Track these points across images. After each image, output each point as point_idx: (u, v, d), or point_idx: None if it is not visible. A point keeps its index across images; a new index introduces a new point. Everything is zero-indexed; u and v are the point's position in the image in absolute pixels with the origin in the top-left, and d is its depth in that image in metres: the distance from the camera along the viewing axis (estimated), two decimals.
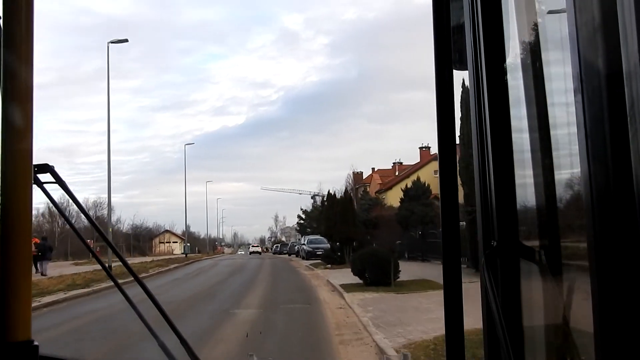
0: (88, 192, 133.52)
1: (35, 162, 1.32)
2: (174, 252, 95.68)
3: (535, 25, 1.48)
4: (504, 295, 1.45)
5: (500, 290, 1.44)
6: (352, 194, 47.74)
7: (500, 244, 1.45)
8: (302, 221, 72.51)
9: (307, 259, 47.71)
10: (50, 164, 1.43)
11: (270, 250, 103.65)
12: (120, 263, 1.74)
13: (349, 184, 71.83)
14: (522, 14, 1.52)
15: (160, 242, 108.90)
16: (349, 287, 20.52)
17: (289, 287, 24.30)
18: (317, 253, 44.49)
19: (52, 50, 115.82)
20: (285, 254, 73.99)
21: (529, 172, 1.55)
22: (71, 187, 1.50)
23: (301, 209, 75.37)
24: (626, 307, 0.88)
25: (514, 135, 1.49)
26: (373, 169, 79.18)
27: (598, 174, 0.91)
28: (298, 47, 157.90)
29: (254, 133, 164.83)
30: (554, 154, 1.45)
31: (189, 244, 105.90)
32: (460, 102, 4.11)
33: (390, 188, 60.98)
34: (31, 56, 1.20)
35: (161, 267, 40.60)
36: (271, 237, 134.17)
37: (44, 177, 1.46)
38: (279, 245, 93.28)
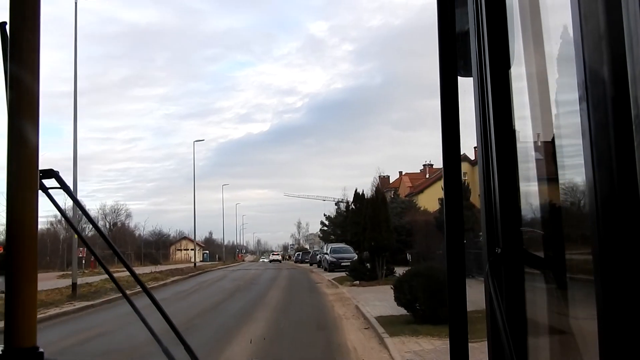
0: (115, 199, 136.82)
1: (56, 168, 1.32)
2: (191, 260, 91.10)
3: (540, 32, 1.48)
4: (508, 302, 1.44)
5: (505, 297, 1.44)
6: (384, 194, 38.37)
7: (504, 251, 1.44)
8: (325, 228, 66.70)
9: (330, 271, 40.81)
10: (55, 169, 1.43)
11: (292, 258, 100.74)
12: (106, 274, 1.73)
13: (373, 187, 60.52)
14: (526, 21, 1.52)
15: (177, 250, 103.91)
16: (391, 324, 13.68)
17: (301, 320, 16.62)
18: (342, 264, 38.13)
19: (80, 59, 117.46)
20: (306, 262, 68.50)
21: (534, 179, 1.55)
22: (100, 195, 1.49)
23: (324, 215, 69.12)
24: (631, 315, 0.88)
25: (518, 142, 1.49)
26: (401, 172, 74.81)
27: (603, 181, 0.91)
28: (323, 54, 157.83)
29: (279, 140, 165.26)
30: (559, 161, 1.45)
31: (207, 252, 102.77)
32: None
33: (421, 191, 58.47)
34: (37, 63, 1.21)
35: (157, 280, 33.88)
36: (294, 244, 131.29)
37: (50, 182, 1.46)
38: (300, 253, 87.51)
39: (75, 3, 28.06)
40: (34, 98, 1.20)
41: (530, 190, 1.56)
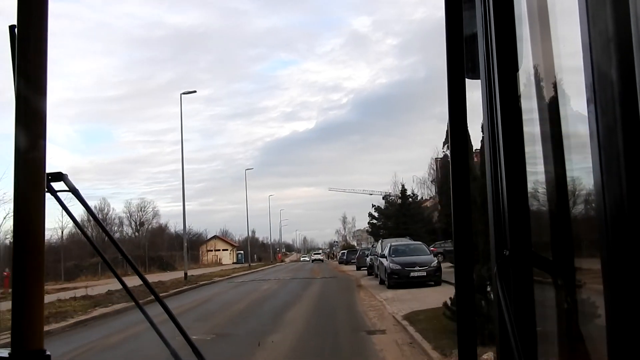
0: (164, 201, 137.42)
1: (108, 172, 1.31)
2: (221, 262, 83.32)
3: (548, 34, 1.48)
4: (516, 305, 1.44)
5: (513, 299, 1.43)
6: None
7: (512, 253, 1.44)
8: (374, 221, 58.40)
9: (391, 287, 23.24)
10: (63, 172, 1.44)
11: (336, 257, 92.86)
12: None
13: (432, 171, 54.56)
14: (534, 23, 1.51)
15: (208, 251, 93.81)
16: None
17: None
18: (412, 275, 23.05)
19: (125, 64, 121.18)
20: (352, 263, 52.56)
21: (542, 181, 1.55)
22: (150, 197, 1.44)
23: (373, 206, 59.96)
24: None
25: (526, 145, 1.49)
26: None
27: (611, 183, 0.91)
28: (367, 49, 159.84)
29: (325, 137, 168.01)
30: (567, 163, 1.45)
31: (242, 252, 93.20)
32: None
33: None
34: (45, 66, 1.21)
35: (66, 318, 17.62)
36: (339, 242, 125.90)
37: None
38: (345, 252, 71.22)
39: None
40: (42, 101, 1.20)
41: (538, 193, 1.56)
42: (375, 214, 58.67)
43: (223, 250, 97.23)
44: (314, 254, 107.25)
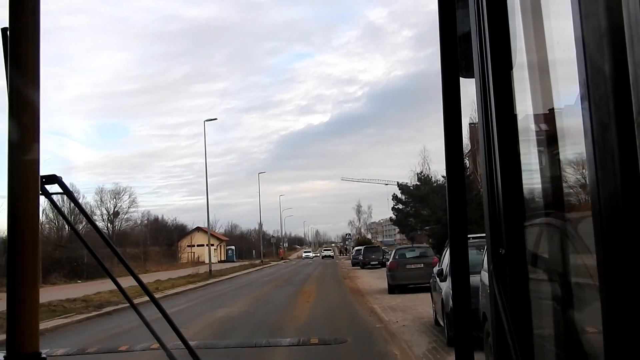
0: (179, 195, 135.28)
1: (124, 166, 1.29)
2: (200, 260, 66.88)
3: (542, 32, 1.48)
4: (512, 303, 1.44)
5: (509, 298, 1.43)
6: None
7: (508, 252, 1.44)
8: (400, 206, 43.93)
9: None
10: (57, 175, 1.43)
11: (349, 253, 75.58)
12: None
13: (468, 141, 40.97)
14: (528, 21, 1.52)
15: (188, 246, 77.22)
16: None
17: None
18: None
19: (141, 58, 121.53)
20: (372, 266, 39.50)
21: (537, 179, 1.55)
22: (165, 191, 1.43)
23: (398, 185, 44.68)
24: (636, 316, 0.87)
25: (521, 143, 1.49)
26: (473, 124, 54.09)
27: (605, 180, 0.91)
28: (383, 41, 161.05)
29: (340, 130, 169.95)
30: (562, 160, 1.45)
31: (233, 248, 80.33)
32: None
33: None
34: (38, 68, 1.21)
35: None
36: (354, 234, 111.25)
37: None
38: (362, 249, 49.49)
39: None
40: (35, 103, 1.20)
41: (533, 191, 1.56)
42: (402, 197, 44.11)
43: (207, 245, 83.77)
44: (324, 249, 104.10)
